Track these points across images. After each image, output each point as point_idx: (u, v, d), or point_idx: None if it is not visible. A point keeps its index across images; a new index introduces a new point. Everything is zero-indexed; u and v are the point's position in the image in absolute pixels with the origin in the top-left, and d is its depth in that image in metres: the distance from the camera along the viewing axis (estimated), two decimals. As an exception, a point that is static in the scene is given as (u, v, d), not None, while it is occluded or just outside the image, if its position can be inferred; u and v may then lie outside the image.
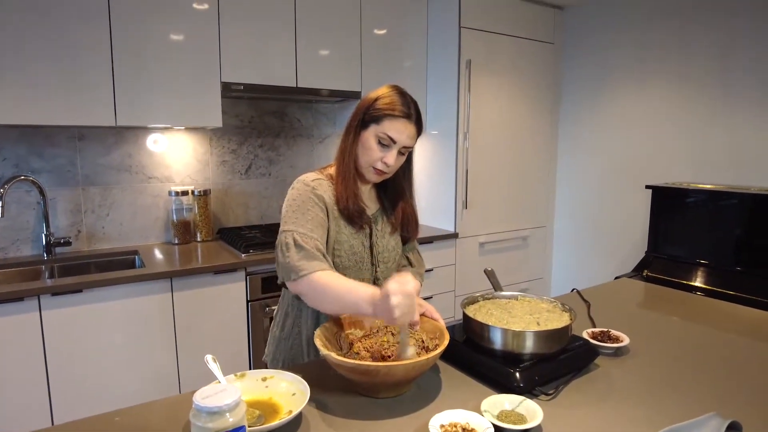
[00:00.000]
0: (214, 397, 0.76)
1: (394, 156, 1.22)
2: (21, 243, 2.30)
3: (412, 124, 1.22)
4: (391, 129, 1.20)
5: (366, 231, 1.30)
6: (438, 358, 1.05)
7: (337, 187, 1.25)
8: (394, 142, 1.20)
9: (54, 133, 2.32)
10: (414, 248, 1.50)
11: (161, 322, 2.09)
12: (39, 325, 1.85)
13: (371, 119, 1.22)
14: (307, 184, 1.23)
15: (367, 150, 1.22)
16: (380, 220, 1.34)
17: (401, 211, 1.35)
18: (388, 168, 1.23)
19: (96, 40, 2.07)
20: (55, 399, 1.91)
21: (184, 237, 2.60)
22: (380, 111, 1.20)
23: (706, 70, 2.64)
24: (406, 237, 1.40)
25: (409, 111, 1.21)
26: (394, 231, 1.36)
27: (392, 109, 1.20)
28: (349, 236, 1.26)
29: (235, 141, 2.80)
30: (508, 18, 3.02)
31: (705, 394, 1.08)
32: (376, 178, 1.26)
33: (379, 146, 1.21)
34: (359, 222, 1.26)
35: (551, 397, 1.05)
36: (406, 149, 1.24)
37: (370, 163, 1.23)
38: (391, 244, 1.35)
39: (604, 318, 1.54)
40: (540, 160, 3.37)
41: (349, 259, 1.26)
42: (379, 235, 1.32)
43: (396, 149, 1.22)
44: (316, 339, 1.07)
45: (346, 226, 1.26)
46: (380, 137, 1.20)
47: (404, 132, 1.20)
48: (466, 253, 3.05)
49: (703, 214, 2.44)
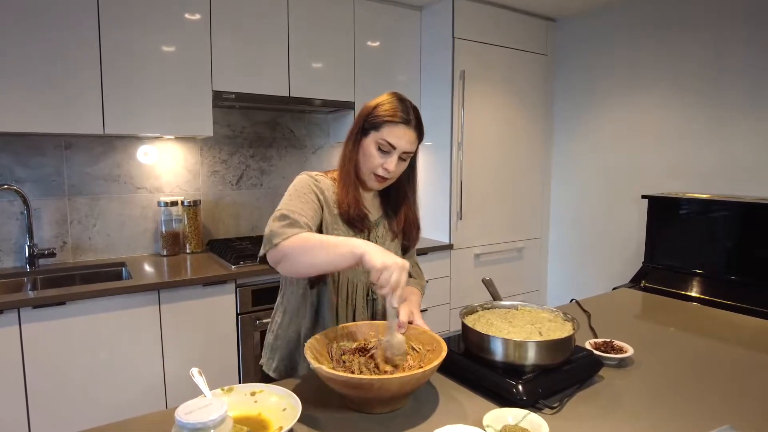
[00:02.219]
0: (197, 413, 0.71)
1: (395, 162, 1.21)
2: (3, 255, 2.23)
3: (411, 129, 1.21)
4: (390, 135, 1.19)
5: (365, 235, 1.28)
6: (435, 370, 1.00)
7: (339, 192, 1.25)
8: (393, 148, 1.20)
9: (40, 141, 2.27)
10: (414, 260, 1.47)
11: (148, 335, 2.01)
12: (18, 340, 1.78)
13: (371, 126, 1.22)
14: (310, 175, 1.26)
15: (367, 157, 1.22)
16: (381, 227, 1.32)
17: (404, 216, 1.34)
18: (389, 174, 1.22)
19: (84, 46, 2.03)
20: (33, 416, 1.82)
21: (173, 248, 2.53)
22: (379, 118, 1.21)
23: (697, 80, 2.65)
24: (405, 245, 1.38)
25: (408, 117, 1.21)
26: (395, 238, 1.34)
27: (391, 116, 1.20)
28: (345, 234, 1.24)
29: (227, 151, 2.76)
30: (502, 29, 3.03)
31: (716, 405, 1.03)
32: (377, 185, 1.26)
33: (379, 153, 1.21)
34: (360, 226, 1.25)
35: (556, 411, 1.00)
36: (406, 155, 1.23)
37: (371, 170, 1.23)
38: (391, 250, 1.30)
39: (604, 328, 1.50)
40: (534, 171, 3.35)
41: None
42: (380, 241, 1.30)
43: (396, 155, 1.21)
44: (307, 351, 1.01)
45: (344, 226, 1.25)
46: (380, 144, 1.20)
47: (403, 137, 1.20)
48: (461, 264, 3.01)
49: (700, 224, 2.42)
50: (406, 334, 1.17)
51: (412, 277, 1.45)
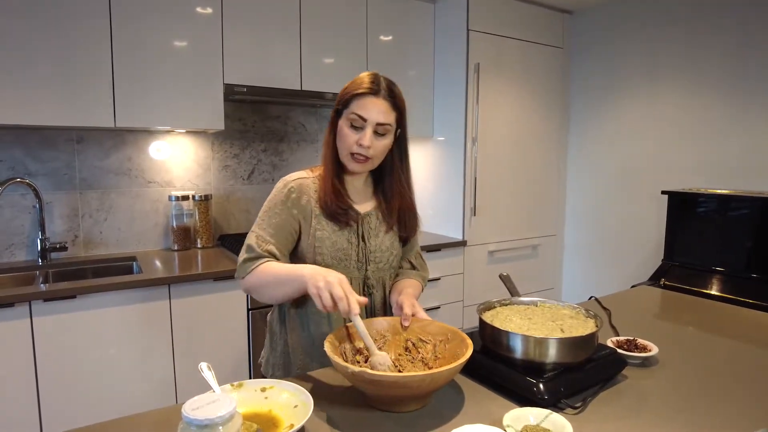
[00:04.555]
0: (205, 408, 0.67)
1: (369, 136, 1.15)
2: (15, 248, 2.23)
3: (380, 98, 1.16)
4: (358, 107, 1.15)
5: (353, 228, 1.23)
6: (466, 362, 0.95)
7: (320, 186, 1.23)
8: (364, 120, 1.15)
9: (52, 135, 2.26)
10: (416, 251, 1.42)
11: (158, 330, 2.00)
12: (30, 333, 1.77)
13: (343, 105, 1.19)
14: (286, 185, 1.23)
15: (342, 137, 1.19)
16: (374, 218, 1.27)
17: (397, 205, 1.27)
18: (366, 150, 1.16)
19: (96, 40, 2.02)
20: (44, 409, 1.81)
21: (183, 243, 2.52)
22: (348, 94, 1.18)
23: (720, 73, 2.56)
24: (404, 236, 1.32)
25: (376, 87, 1.16)
26: (390, 229, 1.28)
27: (357, 88, 1.16)
28: (332, 233, 1.21)
29: (238, 145, 2.73)
30: (517, 22, 2.97)
31: (749, 408, 0.98)
32: (358, 166, 1.19)
33: (352, 130, 1.17)
34: (343, 219, 1.21)
35: (579, 411, 0.96)
36: (382, 127, 1.16)
37: (348, 149, 1.18)
38: (385, 243, 1.27)
39: (625, 326, 1.44)
40: (550, 167, 3.28)
41: (332, 256, 1.20)
42: (372, 234, 1.25)
43: (370, 128, 1.15)
44: (331, 355, 0.95)
45: (329, 223, 1.21)
46: (351, 119, 1.16)
47: (373, 108, 1.15)
48: (474, 261, 2.96)
49: (721, 221, 2.34)
50: (411, 328, 1.13)
51: (414, 269, 1.40)
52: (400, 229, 1.30)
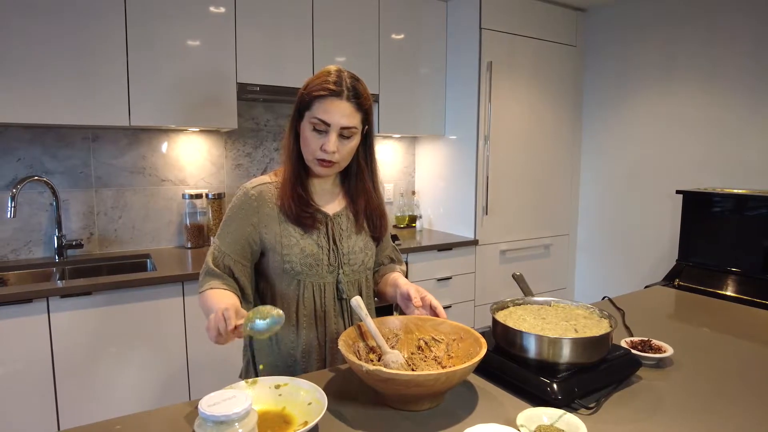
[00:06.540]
0: (221, 405, 0.68)
1: (334, 141, 1.10)
2: (33, 245, 2.26)
3: (343, 100, 1.09)
4: (320, 111, 1.09)
5: (322, 231, 1.19)
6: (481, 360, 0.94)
7: (280, 191, 1.17)
8: (328, 125, 1.09)
9: (68, 133, 2.29)
10: (391, 246, 1.39)
11: (172, 326, 2.02)
12: (47, 328, 1.80)
13: (304, 107, 1.12)
14: (246, 192, 1.19)
15: (306, 141, 1.12)
16: (345, 219, 1.23)
17: (363, 205, 1.24)
18: (331, 156, 1.11)
19: (111, 40, 2.04)
20: (61, 403, 1.84)
21: (197, 241, 2.54)
22: (309, 95, 1.11)
23: (736, 73, 2.53)
24: (375, 236, 1.29)
25: (339, 88, 1.09)
26: (361, 230, 1.25)
27: (319, 89, 1.09)
28: (300, 238, 1.16)
29: (251, 144, 2.75)
30: (530, 19, 2.95)
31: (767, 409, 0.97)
32: (324, 170, 1.15)
33: (315, 134, 1.11)
34: (310, 222, 1.17)
35: (593, 411, 0.95)
36: (347, 130, 1.11)
37: (313, 155, 1.12)
38: (359, 244, 1.23)
39: (639, 327, 1.43)
40: (562, 166, 3.26)
41: (301, 263, 1.16)
42: (344, 235, 1.22)
43: (334, 133, 1.09)
44: (347, 354, 0.95)
45: (296, 228, 1.17)
46: (314, 123, 1.10)
47: (336, 112, 1.08)
48: (486, 260, 2.95)
49: (737, 220, 2.31)
50: (424, 327, 1.13)
51: (393, 263, 1.38)
52: (369, 229, 1.26)
